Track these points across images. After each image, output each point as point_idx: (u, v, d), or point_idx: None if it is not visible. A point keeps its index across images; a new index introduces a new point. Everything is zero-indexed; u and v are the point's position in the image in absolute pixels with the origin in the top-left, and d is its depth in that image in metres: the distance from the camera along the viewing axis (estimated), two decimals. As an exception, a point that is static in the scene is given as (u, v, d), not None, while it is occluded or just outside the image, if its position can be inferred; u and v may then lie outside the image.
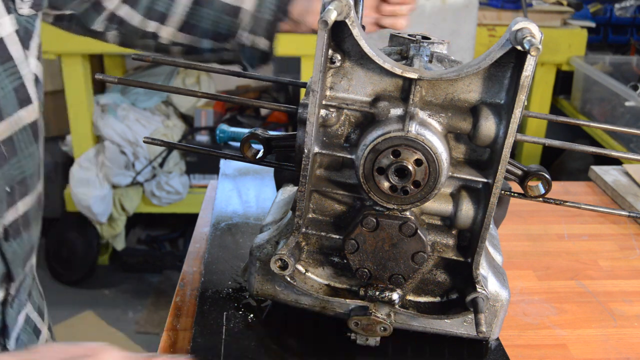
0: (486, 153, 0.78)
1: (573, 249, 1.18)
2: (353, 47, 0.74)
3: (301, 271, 0.87)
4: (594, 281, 1.08)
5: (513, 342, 0.92)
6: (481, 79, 0.75)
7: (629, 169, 1.43)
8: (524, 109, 0.73)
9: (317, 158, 0.80)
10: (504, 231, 1.09)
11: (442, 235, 0.82)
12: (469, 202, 0.79)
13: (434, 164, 0.74)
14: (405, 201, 0.76)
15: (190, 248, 1.12)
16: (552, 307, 1.00)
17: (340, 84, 0.77)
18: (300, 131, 0.78)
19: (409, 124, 0.73)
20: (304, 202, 0.79)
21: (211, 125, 2.90)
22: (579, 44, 2.72)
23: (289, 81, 0.97)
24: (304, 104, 0.77)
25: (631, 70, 2.76)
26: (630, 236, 1.22)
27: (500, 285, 0.85)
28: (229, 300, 0.96)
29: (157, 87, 0.89)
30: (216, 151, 0.92)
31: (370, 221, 0.78)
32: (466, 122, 0.76)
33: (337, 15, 0.67)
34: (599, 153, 0.82)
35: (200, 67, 0.95)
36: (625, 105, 2.44)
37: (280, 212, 0.93)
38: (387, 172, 0.74)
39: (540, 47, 0.64)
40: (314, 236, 0.84)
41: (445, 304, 0.85)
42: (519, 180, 0.82)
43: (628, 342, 0.93)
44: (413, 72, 0.73)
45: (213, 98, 0.91)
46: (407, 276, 0.81)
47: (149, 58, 0.93)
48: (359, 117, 0.78)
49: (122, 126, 2.77)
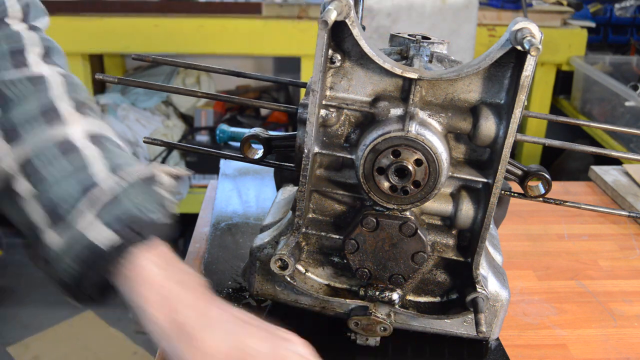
0: (486, 153, 0.78)
1: (573, 249, 1.18)
2: (353, 47, 0.74)
3: (301, 271, 0.87)
4: (594, 281, 1.08)
5: (513, 342, 0.92)
6: (481, 79, 0.75)
7: (629, 169, 1.43)
8: (524, 109, 0.73)
9: (317, 158, 0.80)
10: (504, 231, 1.09)
11: (442, 235, 0.82)
12: (469, 202, 0.79)
13: (434, 164, 0.74)
14: (405, 201, 0.76)
15: (190, 248, 1.12)
16: (552, 307, 1.00)
17: (340, 84, 0.77)
18: (300, 131, 0.78)
19: (409, 124, 0.73)
20: (304, 202, 0.79)
21: (211, 125, 2.90)
22: (579, 44, 2.72)
23: (289, 81, 0.97)
24: (304, 104, 0.77)
25: (631, 70, 2.75)
26: (630, 236, 1.22)
27: (500, 285, 0.85)
28: (229, 300, 0.96)
29: (157, 87, 0.89)
30: (216, 151, 0.92)
31: (370, 221, 0.78)
32: (466, 122, 0.76)
33: (337, 15, 0.67)
34: (599, 153, 0.82)
35: (200, 67, 0.95)
36: (625, 105, 2.44)
37: (280, 212, 0.93)
38: (387, 172, 0.74)
39: (540, 47, 0.64)
40: (314, 236, 0.84)
41: (445, 304, 0.85)
42: (519, 180, 0.82)
43: (628, 342, 0.93)
44: (413, 72, 0.73)
45: (213, 98, 0.91)
46: (407, 276, 0.81)
47: (149, 58, 0.93)
48: (359, 117, 0.78)
49: (122, 126, 2.77)
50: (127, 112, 2.82)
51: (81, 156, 0.69)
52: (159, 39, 2.51)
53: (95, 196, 0.67)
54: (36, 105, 0.71)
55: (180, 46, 2.56)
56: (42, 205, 0.67)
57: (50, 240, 0.67)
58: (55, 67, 0.77)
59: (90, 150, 0.70)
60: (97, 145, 0.71)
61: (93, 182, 0.67)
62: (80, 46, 2.53)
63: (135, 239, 0.66)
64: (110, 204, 0.66)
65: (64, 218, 0.66)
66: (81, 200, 0.66)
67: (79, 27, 2.48)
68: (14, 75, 0.73)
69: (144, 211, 0.68)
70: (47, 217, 0.67)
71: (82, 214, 0.66)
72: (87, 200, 0.66)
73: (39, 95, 0.72)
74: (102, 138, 0.73)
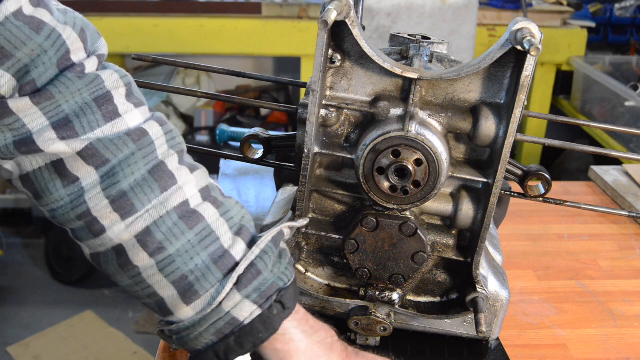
0: (486, 153, 0.78)
1: (573, 249, 1.18)
2: (353, 47, 0.74)
3: (301, 271, 0.87)
4: (594, 281, 1.08)
5: (513, 342, 0.91)
6: (481, 79, 0.75)
7: (629, 169, 1.43)
8: (524, 109, 0.73)
9: (317, 158, 0.80)
10: (504, 231, 1.09)
11: (442, 235, 0.82)
12: (469, 202, 0.79)
13: (434, 164, 0.74)
14: (405, 201, 0.76)
15: (190, 248, 1.12)
16: (552, 307, 1.00)
17: (340, 84, 0.77)
18: (300, 131, 0.78)
19: (409, 124, 0.73)
20: (304, 202, 0.79)
21: (211, 125, 2.90)
22: (579, 44, 2.72)
23: (289, 81, 0.97)
24: (304, 104, 0.77)
25: (631, 70, 2.76)
26: (630, 236, 1.22)
27: (500, 285, 0.85)
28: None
29: (157, 87, 0.89)
30: (216, 151, 0.92)
31: (370, 221, 0.78)
32: (466, 122, 0.76)
33: (337, 15, 0.67)
34: (599, 153, 0.82)
35: (200, 67, 0.95)
36: (625, 105, 2.44)
37: (280, 212, 0.93)
38: (387, 172, 0.74)
39: (540, 47, 0.64)
40: (314, 236, 0.84)
41: (445, 304, 0.85)
42: (519, 180, 0.82)
43: (628, 342, 0.93)
44: (413, 72, 0.73)
45: (213, 98, 0.91)
46: (407, 276, 0.81)
47: (149, 58, 0.93)
48: (359, 117, 0.78)
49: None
50: (127, 112, 2.81)
51: (203, 222, 0.65)
52: (159, 39, 2.51)
53: (228, 266, 0.65)
54: (143, 167, 0.64)
55: (180, 46, 2.56)
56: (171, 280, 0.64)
57: (185, 315, 0.65)
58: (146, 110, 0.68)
59: (209, 212, 0.66)
60: (211, 202, 0.67)
61: (224, 251, 0.65)
62: (80, 46, 2.53)
63: (277, 309, 0.65)
64: (246, 275, 0.65)
65: (198, 293, 0.64)
66: (214, 273, 0.64)
67: (79, 27, 2.47)
68: (109, 132, 0.63)
69: (280, 276, 0.67)
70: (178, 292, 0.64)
71: (217, 288, 0.64)
72: (219, 272, 0.64)
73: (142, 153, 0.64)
74: (212, 191, 0.69)
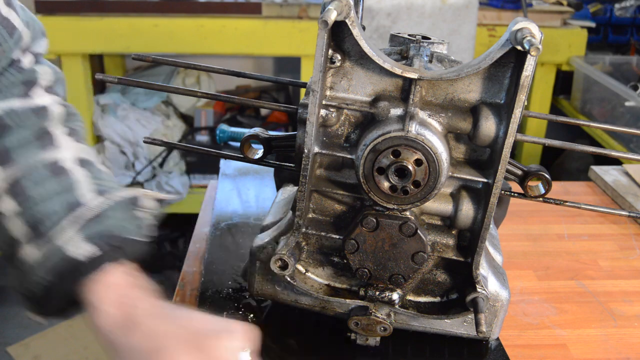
0: (486, 153, 0.78)
1: (573, 249, 1.18)
2: (353, 47, 0.74)
3: (301, 271, 0.87)
4: (594, 281, 1.08)
5: (513, 342, 0.91)
6: (481, 79, 0.75)
7: (629, 169, 1.43)
8: (524, 109, 0.73)
9: (317, 158, 0.80)
10: (504, 231, 1.09)
11: (442, 235, 0.82)
12: (469, 202, 0.79)
13: (434, 164, 0.74)
14: (405, 201, 0.76)
15: (190, 248, 1.12)
16: (552, 307, 1.00)
17: (340, 84, 0.77)
18: (300, 131, 0.78)
19: (409, 124, 0.73)
20: (304, 202, 0.79)
21: (211, 125, 2.90)
22: (579, 44, 2.72)
23: (289, 81, 0.97)
24: (304, 104, 0.77)
25: (631, 70, 2.75)
26: (630, 236, 1.22)
27: (500, 285, 0.85)
28: (229, 300, 0.96)
29: (157, 87, 0.89)
30: (216, 151, 0.92)
31: (370, 221, 0.78)
32: (466, 122, 0.76)
33: (337, 15, 0.67)
34: (599, 153, 0.82)
35: (200, 67, 0.95)
36: (625, 105, 2.44)
37: (280, 212, 0.93)
38: (387, 172, 0.74)
39: (540, 47, 0.64)
40: (314, 236, 0.84)
41: (445, 304, 0.85)
42: (519, 180, 0.82)
43: (628, 342, 0.93)
44: (413, 72, 0.73)
45: (213, 98, 0.91)
46: (407, 276, 0.81)
47: (149, 58, 0.93)
48: (359, 117, 0.78)
49: (122, 126, 2.77)
50: (127, 112, 2.81)
51: (70, 178, 0.71)
52: (159, 39, 2.51)
53: (79, 214, 0.68)
54: (32, 131, 0.73)
55: (180, 46, 2.56)
56: (25, 221, 0.68)
57: (27, 254, 0.67)
58: (57, 97, 0.79)
59: (79, 174, 0.72)
60: (86, 169, 0.73)
61: (79, 202, 0.69)
62: (80, 46, 2.53)
63: (112, 253, 0.67)
64: (92, 221, 0.68)
65: (45, 234, 0.67)
66: (65, 218, 0.67)
67: (79, 27, 2.48)
68: (17, 105, 0.74)
69: (124, 230, 0.69)
70: (28, 232, 0.68)
71: (63, 230, 0.67)
72: (70, 218, 0.67)
73: (37, 122, 0.74)
74: (92, 164, 0.74)
